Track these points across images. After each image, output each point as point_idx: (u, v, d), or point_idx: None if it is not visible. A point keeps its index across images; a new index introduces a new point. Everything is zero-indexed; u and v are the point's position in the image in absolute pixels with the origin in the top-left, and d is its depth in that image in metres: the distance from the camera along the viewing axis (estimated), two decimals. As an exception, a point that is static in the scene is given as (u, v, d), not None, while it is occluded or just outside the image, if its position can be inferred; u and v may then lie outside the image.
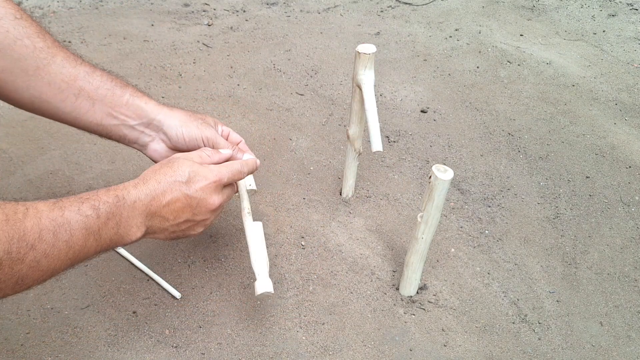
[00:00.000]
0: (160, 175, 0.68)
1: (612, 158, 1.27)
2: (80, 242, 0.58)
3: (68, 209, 0.57)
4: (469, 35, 1.81)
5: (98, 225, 0.60)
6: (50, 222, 0.55)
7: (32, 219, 0.53)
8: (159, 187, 0.67)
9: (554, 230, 1.07)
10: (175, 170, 0.69)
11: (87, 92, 0.75)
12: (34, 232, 0.53)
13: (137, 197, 0.65)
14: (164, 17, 1.80)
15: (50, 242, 0.54)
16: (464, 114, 1.41)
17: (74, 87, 0.74)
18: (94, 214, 0.59)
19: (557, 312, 0.91)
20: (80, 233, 0.58)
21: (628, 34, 1.87)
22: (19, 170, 1.10)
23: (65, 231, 0.56)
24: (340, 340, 0.84)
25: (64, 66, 0.73)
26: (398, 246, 1.01)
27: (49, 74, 0.72)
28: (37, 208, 0.55)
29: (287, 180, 1.14)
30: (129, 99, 0.77)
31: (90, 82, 0.75)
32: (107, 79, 0.77)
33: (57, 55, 0.73)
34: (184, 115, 0.80)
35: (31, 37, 0.71)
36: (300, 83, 1.49)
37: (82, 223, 0.58)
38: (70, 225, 0.57)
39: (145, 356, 0.79)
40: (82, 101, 0.75)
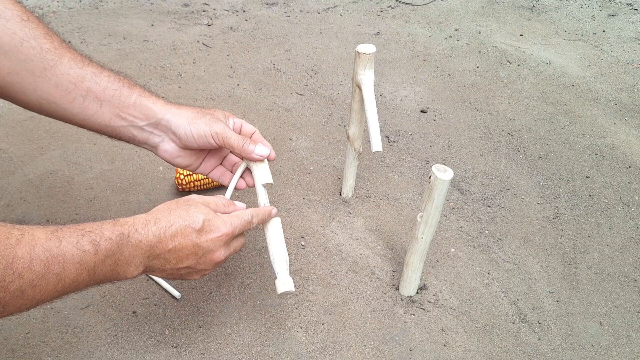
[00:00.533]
0: (173, 216, 0.65)
1: (612, 158, 1.27)
2: (71, 276, 0.56)
3: (66, 240, 0.55)
4: (468, 35, 1.81)
5: (94, 262, 0.58)
6: (44, 252, 0.53)
7: (25, 247, 0.51)
8: (170, 229, 0.65)
9: (554, 230, 1.07)
10: (191, 215, 0.66)
11: (94, 93, 0.73)
12: (24, 261, 0.51)
13: (143, 236, 0.62)
14: (164, 17, 1.80)
15: (39, 273, 0.52)
16: (464, 114, 1.41)
17: (81, 88, 0.73)
18: (92, 249, 0.57)
19: (557, 312, 0.91)
20: (73, 267, 0.55)
21: (628, 34, 1.87)
22: (19, 170, 1.10)
23: (58, 263, 0.54)
24: (340, 340, 0.84)
25: (71, 67, 0.72)
26: (398, 246, 1.01)
27: (56, 75, 0.71)
28: (33, 235, 0.53)
29: (287, 180, 1.14)
30: (136, 100, 0.75)
31: (98, 82, 0.74)
32: (115, 80, 0.75)
33: (64, 56, 0.72)
34: (192, 113, 0.78)
35: (38, 38, 0.70)
36: (300, 83, 1.49)
37: (77, 257, 0.56)
38: (65, 258, 0.54)
39: (145, 356, 0.79)
40: (89, 102, 0.74)
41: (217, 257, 0.70)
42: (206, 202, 0.71)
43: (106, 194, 1.06)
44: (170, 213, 0.66)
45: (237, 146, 0.77)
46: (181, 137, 0.77)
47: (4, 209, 1.00)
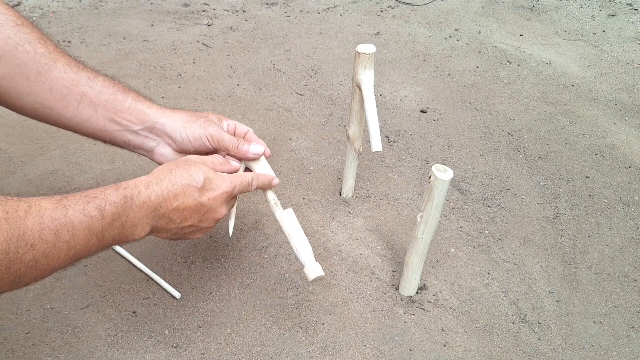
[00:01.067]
0: (175, 176, 0.67)
1: (611, 158, 1.27)
2: (82, 242, 0.57)
3: (72, 207, 0.56)
4: (468, 35, 1.81)
5: (102, 226, 0.59)
6: (53, 221, 0.54)
7: (34, 218, 0.52)
8: (172, 189, 0.66)
9: (554, 230, 1.07)
10: (192, 174, 0.68)
11: (89, 97, 0.74)
12: (35, 232, 0.52)
13: (147, 197, 0.64)
14: (164, 17, 1.80)
15: (50, 242, 0.53)
16: (464, 114, 1.41)
17: (75, 92, 0.73)
18: (98, 214, 0.58)
19: (556, 312, 0.91)
20: (82, 233, 0.57)
21: (628, 34, 1.87)
22: (19, 170, 1.10)
23: (67, 231, 0.55)
24: (340, 340, 0.84)
25: (65, 71, 0.72)
26: (398, 246, 1.01)
27: (50, 79, 0.71)
28: (40, 205, 0.54)
29: (287, 180, 1.14)
30: (131, 104, 0.76)
31: (92, 87, 0.74)
32: (109, 84, 0.76)
33: (58, 60, 0.72)
34: (187, 116, 0.79)
35: (32, 42, 0.70)
36: (300, 83, 1.49)
37: (85, 224, 0.57)
38: (73, 225, 0.56)
39: (145, 356, 0.79)
40: (84, 107, 0.74)
41: (219, 213, 0.72)
42: (204, 161, 0.72)
43: (106, 194, 1.06)
44: (171, 173, 0.67)
45: (231, 147, 0.79)
46: (177, 141, 0.78)
47: (3, 209, 1.00)
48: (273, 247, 0.98)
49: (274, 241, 0.99)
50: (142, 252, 0.95)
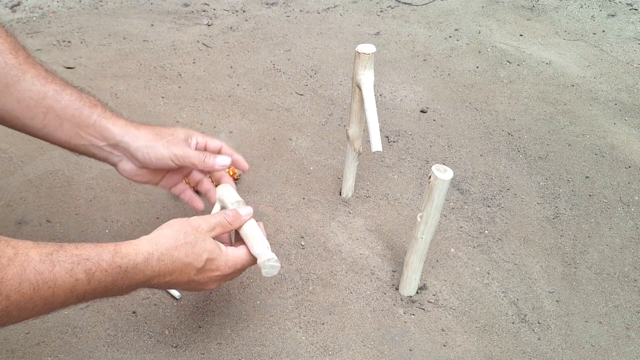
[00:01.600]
0: (178, 253, 0.65)
1: (611, 158, 1.27)
2: (60, 300, 0.55)
3: (60, 265, 0.54)
4: (468, 35, 1.82)
5: (85, 290, 0.57)
6: (35, 275, 0.52)
7: (16, 268, 0.50)
8: (171, 266, 0.64)
9: (554, 230, 1.07)
10: (196, 253, 0.66)
11: (55, 111, 0.74)
12: (13, 283, 0.50)
13: (141, 272, 0.62)
14: (164, 17, 1.80)
15: (27, 296, 0.51)
16: (464, 114, 1.41)
17: (42, 105, 0.73)
18: (85, 278, 0.56)
19: (556, 312, 0.91)
20: (63, 293, 0.55)
21: (628, 34, 1.87)
22: (19, 170, 1.10)
23: (48, 288, 0.53)
24: (340, 340, 0.84)
25: (33, 84, 0.72)
26: (398, 246, 1.01)
27: (18, 91, 0.72)
28: (27, 255, 0.52)
29: (287, 180, 1.14)
30: (96, 120, 0.75)
31: (59, 100, 0.74)
32: (77, 98, 0.75)
33: (27, 72, 0.72)
34: (151, 135, 0.77)
35: (3, 53, 0.71)
36: (300, 83, 1.49)
37: (69, 285, 0.55)
38: (56, 283, 0.53)
39: (145, 356, 0.79)
40: (50, 119, 0.74)
41: (208, 288, 0.71)
42: (212, 226, 0.70)
43: (106, 194, 1.06)
44: (176, 249, 0.65)
45: (198, 162, 0.77)
46: (139, 159, 0.77)
47: (4, 209, 1.00)
48: (273, 247, 0.98)
49: (274, 241, 0.99)
50: (142, 252, 0.95)
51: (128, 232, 0.98)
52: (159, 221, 1.01)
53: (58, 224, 0.99)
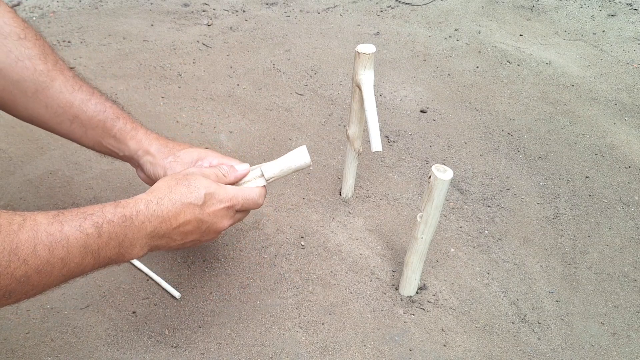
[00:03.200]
0: (175, 194, 0.65)
1: (611, 158, 1.27)
2: (76, 260, 0.56)
3: (68, 224, 0.55)
4: (468, 35, 1.81)
5: (98, 245, 0.58)
6: (47, 236, 0.53)
7: (28, 232, 0.51)
8: (173, 208, 0.65)
9: (554, 230, 1.07)
10: (192, 191, 0.67)
11: (80, 120, 0.76)
12: (28, 246, 0.51)
13: (146, 218, 0.62)
14: (164, 17, 1.80)
15: (44, 258, 0.52)
16: (464, 114, 1.41)
17: (69, 113, 0.75)
18: (95, 232, 0.57)
19: (556, 312, 0.91)
20: (77, 251, 0.55)
21: (628, 34, 1.87)
22: (18, 170, 1.10)
23: (62, 248, 0.54)
24: (340, 340, 0.84)
25: (61, 91, 0.74)
26: (398, 246, 1.01)
27: (46, 97, 0.73)
28: (35, 220, 0.53)
29: (287, 180, 1.14)
30: (116, 133, 0.79)
31: (85, 111, 0.76)
32: (101, 110, 0.78)
33: (56, 79, 0.74)
34: (159, 152, 0.80)
35: (32, 58, 0.72)
36: (300, 83, 1.49)
37: (81, 241, 0.56)
38: (69, 242, 0.54)
39: (145, 356, 0.79)
40: (76, 127, 0.77)
41: (220, 227, 0.71)
42: (206, 174, 0.71)
43: (106, 194, 1.06)
44: (172, 191, 0.66)
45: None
46: (147, 173, 0.81)
47: (3, 209, 1.00)
48: (273, 247, 0.98)
49: (274, 241, 0.99)
50: (142, 252, 0.95)
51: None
52: (159, 221, 1.01)
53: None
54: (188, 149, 0.81)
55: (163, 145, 0.81)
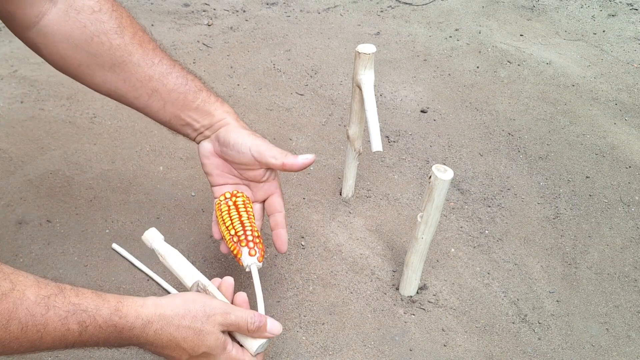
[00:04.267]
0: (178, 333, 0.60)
1: (612, 158, 1.27)
2: (46, 345, 0.53)
3: (54, 310, 0.52)
4: (469, 35, 1.81)
5: (74, 340, 0.54)
6: (27, 316, 0.50)
7: (8, 304, 0.49)
8: (166, 343, 0.60)
9: (554, 230, 1.07)
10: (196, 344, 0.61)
11: (160, 93, 0.74)
12: (2, 318, 0.48)
13: (135, 336, 0.58)
14: (164, 17, 1.80)
15: (14, 335, 0.49)
16: (464, 114, 1.41)
17: (148, 87, 0.73)
18: (77, 330, 0.54)
19: (557, 312, 0.91)
20: (51, 339, 0.52)
21: (628, 34, 1.87)
22: (19, 170, 1.10)
23: (37, 332, 0.51)
24: (340, 340, 0.84)
25: (139, 65, 0.72)
26: (398, 246, 1.01)
27: (124, 71, 0.72)
28: (23, 293, 0.50)
29: (287, 180, 1.14)
30: (199, 105, 0.75)
31: (165, 84, 0.74)
32: (182, 82, 0.75)
33: (134, 53, 0.72)
34: (244, 128, 0.76)
35: (108, 33, 0.70)
36: (300, 83, 1.49)
37: (59, 333, 0.53)
38: (46, 329, 0.51)
39: (145, 356, 0.79)
40: (154, 101, 0.74)
41: None
42: (227, 324, 0.63)
43: (106, 194, 1.06)
44: (177, 329, 0.60)
45: (275, 161, 0.75)
46: (222, 139, 0.75)
47: (4, 209, 1.00)
48: (273, 247, 0.98)
49: (274, 241, 0.99)
50: (142, 252, 0.95)
51: (128, 232, 0.98)
52: (159, 221, 1.01)
53: (58, 224, 0.99)
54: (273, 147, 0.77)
55: (250, 130, 0.77)
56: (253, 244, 0.72)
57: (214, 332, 0.62)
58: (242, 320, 0.64)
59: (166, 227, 1.00)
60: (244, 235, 0.72)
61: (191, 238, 0.99)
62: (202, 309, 0.62)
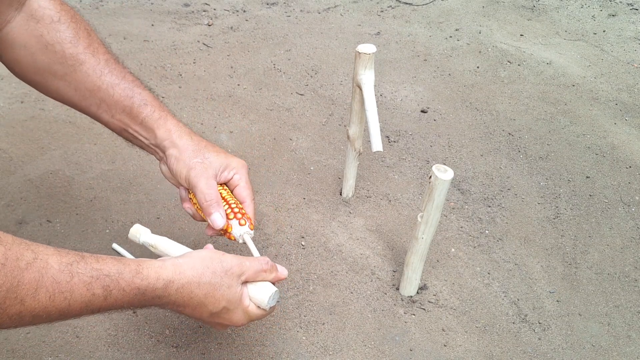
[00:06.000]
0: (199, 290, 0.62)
1: (612, 158, 1.27)
2: (74, 313, 0.53)
3: (79, 277, 0.52)
4: (469, 35, 1.81)
5: (100, 305, 0.55)
6: (53, 283, 0.50)
7: (34, 273, 0.49)
8: (188, 301, 0.61)
9: (554, 230, 1.07)
10: (216, 299, 0.63)
11: (107, 105, 0.75)
12: (30, 288, 0.48)
13: (159, 297, 0.59)
14: (164, 17, 1.80)
15: (42, 304, 0.50)
16: (464, 114, 1.41)
17: (96, 97, 0.75)
18: (102, 294, 0.54)
19: (557, 312, 0.91)
20: (78, 306, 0.53)
21: (628, 34, 1.87)
22: (19, 170, 1.10)
23: (64, 299, 0.51)
24: (340, 340, 0.84)
25: (89, 75, 0.74)
26: (398, 246, 1.01)
27: (75, 80, 0.74)
28: (46, 262, 0.50)
29: (287, 180, 1.14)
30: (143, 120, 0.75)
31: (112, 95, 0.75)
32: (128, 95, 0.75)
33: (84, 63, 0.74)
34: (187, 148, 0.75)
35: (62, 42, 0.72)
36: (300, 83, 1.49)
37: (85, 298, 0.53)
38: (72, 295, 0.52)
39: (145, 356, 0.79)
40: (103, 111, 0.76)
41: (217, 328, 0.69)
42: (243, 271, 0.65)
43: (106, 193, 1.06)
44: (198, 286, 0.61)
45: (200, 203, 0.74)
46: (168, 165, 0.76)
47: (4, 209, 1.00)
48: (273, 247, 0.98)
49: (275, 241, 0.99)
50: (142, 252, 0.95)
51: (128, 232, 0.98)
52: (159, 221, 1.01)
53: (58, 223, 0.99)
54: (220, 154, 0.77)
55: (194, 143, 0.76)
56: (241, 215, 0.73)
57: (233, 284, 0.64)
58: (257, 263, 0.67)
59: (166, 227, 1.00)
60: (231, 209, 0.74)
61: (191, 238, 0.99)
62: (219, 265, 0.64)
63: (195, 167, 0.74)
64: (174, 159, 0.75)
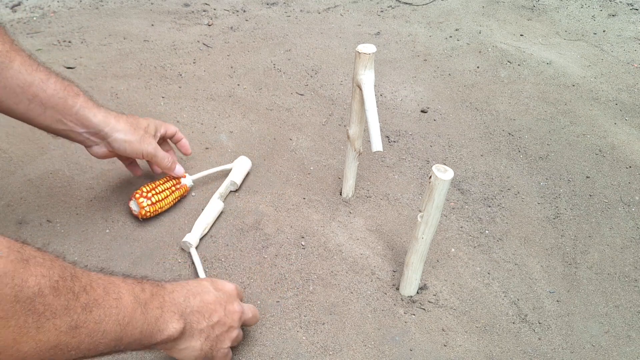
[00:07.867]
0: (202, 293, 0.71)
1: (612, 158, 1.27)
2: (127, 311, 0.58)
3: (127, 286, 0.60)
4: (469, 35, 1.81)
5: (145, 299, 0.61)
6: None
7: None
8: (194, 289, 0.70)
9: (554, 230, 1.07)
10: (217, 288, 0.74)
11: (40, 99, 0.79)
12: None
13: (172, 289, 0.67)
14: (164, 17, 1.80)
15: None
16: (464, 113, 1.41)
17: (28, 92, 0.78)
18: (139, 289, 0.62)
19: (557, 312, 0.91)
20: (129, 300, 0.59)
21: (628, 34, 1.87)
22: (19, 170, 1.10)
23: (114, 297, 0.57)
24: (340, 340, 0.84)
25: (20, 71, 0.76)
26: (398, 246, 1.01)
27: (5, 78, 0.75)
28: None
29: (287, 180, 1.14)
30: (78, 110, 0.83)
31: (45, 89, 0.79)
32: (61, 88, 0.81)
33: (14, 60, 0.76)
34: (128, 128, 0.88)
35: None
36: (300, 83, 1.49)
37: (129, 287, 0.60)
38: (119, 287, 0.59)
39: (145, 356, 0.79)
40: (34, 106, 0.79)
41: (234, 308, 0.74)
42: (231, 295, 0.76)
43: (106, 194, 1.06)
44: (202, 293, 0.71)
45: (163, 166, 0.97)
46: (116, 149, 0.89)
47: (4, 209, 1.00)
48: (273, 247, 0.98)
49: (274, 241, 0.99)
50: (142, 252, 0.95)
51: (128, 232, 0.98)
52: (159, 221, 1.01)
53: (58, 224, 0.99)
54: (149, 121, 0.94)
55: (127, 122, 0.89)
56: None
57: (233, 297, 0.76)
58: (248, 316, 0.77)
59: (166, 227, 1.00)
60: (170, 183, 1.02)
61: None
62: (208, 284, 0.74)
63: (145, 141, 0.91)
64: (122, 142, 0.88)
